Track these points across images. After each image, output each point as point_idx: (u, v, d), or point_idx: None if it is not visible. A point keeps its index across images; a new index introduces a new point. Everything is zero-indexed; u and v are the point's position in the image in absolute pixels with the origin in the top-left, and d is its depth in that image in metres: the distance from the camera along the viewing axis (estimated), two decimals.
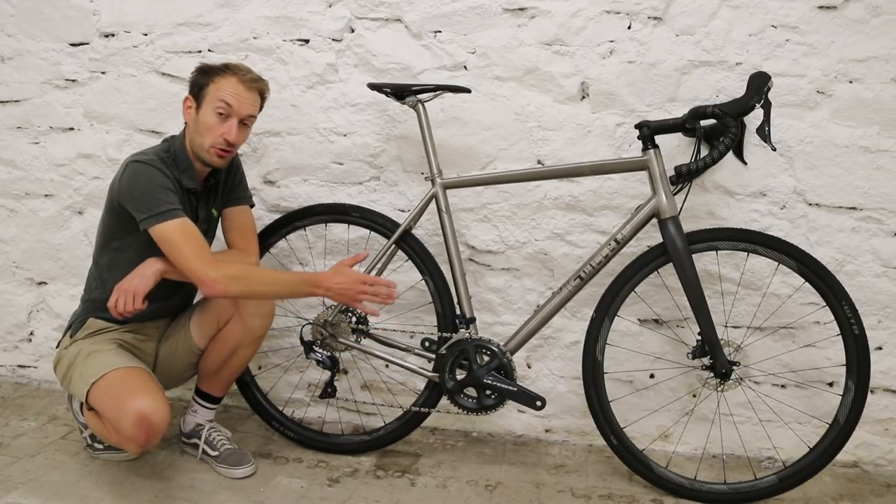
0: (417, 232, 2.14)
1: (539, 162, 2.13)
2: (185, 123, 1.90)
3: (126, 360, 1.83)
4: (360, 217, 2.10)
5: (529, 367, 2.26)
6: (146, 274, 1.81)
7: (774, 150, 1.95)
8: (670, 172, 1.83)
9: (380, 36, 2.15)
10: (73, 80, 2.38)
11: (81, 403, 1.90)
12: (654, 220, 1.84)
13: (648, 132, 1.82)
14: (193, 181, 1.89)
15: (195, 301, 2.10)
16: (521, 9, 2.06)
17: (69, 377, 1.86)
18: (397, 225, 2.04)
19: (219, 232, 2.08)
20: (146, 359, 1.95)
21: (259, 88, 1.87)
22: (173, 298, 1.96)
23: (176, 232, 1.74)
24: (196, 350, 2.00)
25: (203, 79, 1.84)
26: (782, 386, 2.12)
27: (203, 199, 1.96)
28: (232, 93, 1.81)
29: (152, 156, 1.82)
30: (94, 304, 1.93)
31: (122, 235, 1.85)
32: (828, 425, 1.88)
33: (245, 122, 1.87)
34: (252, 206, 2.08)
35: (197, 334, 1.98)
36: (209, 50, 2.26)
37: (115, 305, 1.81)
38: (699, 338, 1.85)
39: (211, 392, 2.07)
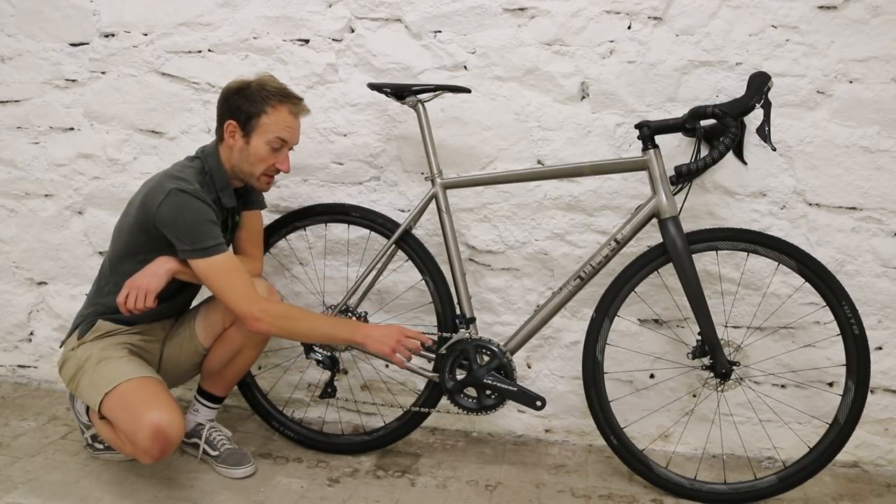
0: (417, 232, 2.14)
1: (539, 162, 2.13)
2: (220, 141, 1.89)
3: (138, 368, 1.82)
4: (360, 217, 2.10)
5: (529, 367, 2.26)
6: (158, 273, 1.80)
7: (774, 150, 1.95)
8: (670, 172, 1.83)
9: (380, 36, 2.15)
10: (73, 80, 2.38)
11: (88, 408, 1.89)
12: (654, 220, 1.84)
13: (648, 132, 1.82)
14: (232, 199, 1.90)
15: (197, 301, 2.10)
16: (521, 9, 2.06)
17: (77, 381, 1.85)
18: (397, 225, 2.04)
19: None
20: (152, 359, 1.95)
21: (305, 113, 1.90)
22: (179, 297, 1.96)
23: (222, 268, 1.76)
24: (201, 350, 2.00)
25: (251, 107, 1.81)
26: (782, 386, 2.12)
27: (231, 211, 1.97)
28: (286, 126, 1.84)
29: (193, 182, 1.80)
30: (106, 308, 1.90)
31: (150, 251, 1.82)
32: (828, 425, 1.88)
33: (292, 148, 1.92)
34: (264, 207, 2.09)
35: (202, 334, 1.98)
36: (209, 50, 2.26)
37: (124, 301, 1.79)
38: (699, 338, 1.85)
39: (213, 392, 2.07)
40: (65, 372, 1.90)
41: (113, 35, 2.33)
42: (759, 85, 1.75)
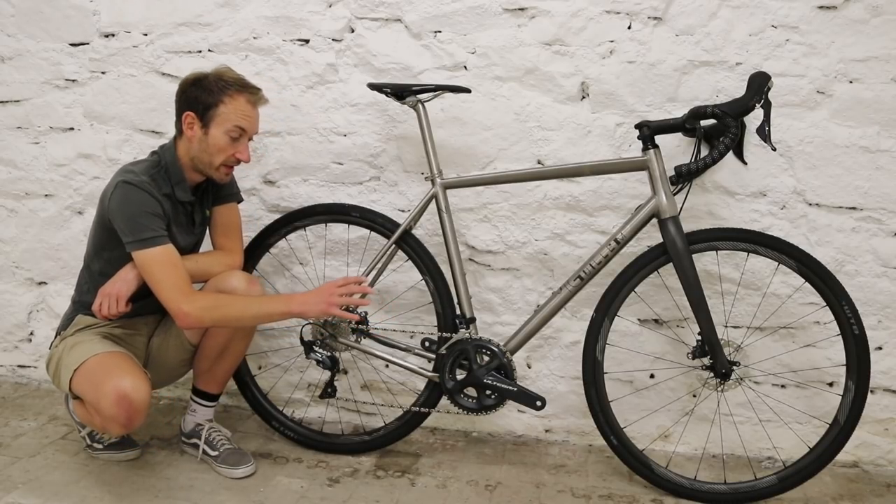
0: (417, 232, 2.14)
1: (539, 162, 2.13)
2: (179, 135, 1.89)
3: (107, 346, 1.83)
4: (360, 217, 2.10)
5: (529, 367, 2.26)
6: (128, 278, 1.83)
7: (774, 150, 1.95)
8: (670, 172, 1.83)
9: (380, 36, 2.15)
10: (73, 80, 2.38)
11: (68, 395, 1.90)
12: (654, 220, 1.84)
13: (648, 132, 1.82)
14: (187, 193, 1.89)
15: None
16: (521, 9, 2.06)
17: (58, 373, 1.87)
18: (397, 225, 2.04)
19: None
20: (138, 353, 1.95)
21: (263, 103, 1.90)
22: (153, 296, 1.96)
23: (156, 261, 1.76)
24: (188, 346, 2.00)
25: (208, 97, 1.81)
26: (782, 386, 2.12)
27: (197, 205, 1.97)
28: (244, 115, 1.83)
29: (143, 175, 1.82)
30: (85, 306, 1.93)
31: (113, 247, 1.84)
32: (828, 425, 1.88)
33: (251, 138, 1.91)
34: (240, 200, 2.08)
35: (188, 330, 1.98)
36: (209, 50, 2.26)
37: (99, 309, 1.85)
38: (699, 338, 1.85)
39: (208, 390, 2.07)
40: (50, 369, 1.93)
41: (113, 35, 2.33)
42: (759, 85, 1.75)
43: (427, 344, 2.02)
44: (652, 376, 2.18)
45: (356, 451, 2.14)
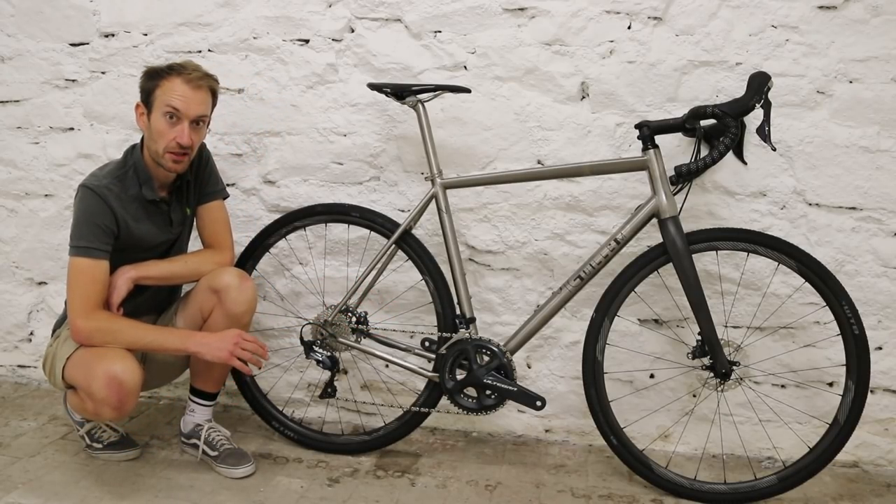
0: (417, 232, 2.14)
1: (539, 162, 2.13)
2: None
3: None
4: (360, 217, 2.09)
5: (529, 367, 2.26)
6: (118, 284, 1.83)
7: (774, 150, 1.95)
8: (670, 172, 1.83)
9: (380, 36, 2.15)
10: (73, 80, 2.38)
11: (65, 396, 1.90)
12: (654, 220, 1.84)
13: (648, 132, 1.82)
14: (154, 191, 1.88)
15: (181, 294, 2.10)
16: (521, 9, 2.06)
17: (52, 368, 1.88)
18: (397, 225, 2.04)
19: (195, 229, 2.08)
20: (134, 353, 1.94)
21: (208, 86, 1.84)
22: (147, 292, 1.96)
23: (80, 271, 1.78)
24: None
25: (150, 83, 1.81)
26: (782, 386, 2.12)
27: (175, 202, 1.96)
28: (179, 95, 1.79)
29: (107, 178, 1.82)
30: None
31: None
32: (828, 425, 1.88)
33: (197, 123, 1.84)
34: (226, 197, 2.07)
35: (183, 327, 1.98)
36: (209, 50, 2.26)
37: None
38: (699, 338, 1.85)
39: (205, 388, 2.06)
40: (46, 367, 1.94)
41: (113, 35, 2.33)
42: (759, 85, 1.75)
43: (427, 344, 2.02)
44: (652, 376, 2.18)
45: (356, 451, 2.14)
